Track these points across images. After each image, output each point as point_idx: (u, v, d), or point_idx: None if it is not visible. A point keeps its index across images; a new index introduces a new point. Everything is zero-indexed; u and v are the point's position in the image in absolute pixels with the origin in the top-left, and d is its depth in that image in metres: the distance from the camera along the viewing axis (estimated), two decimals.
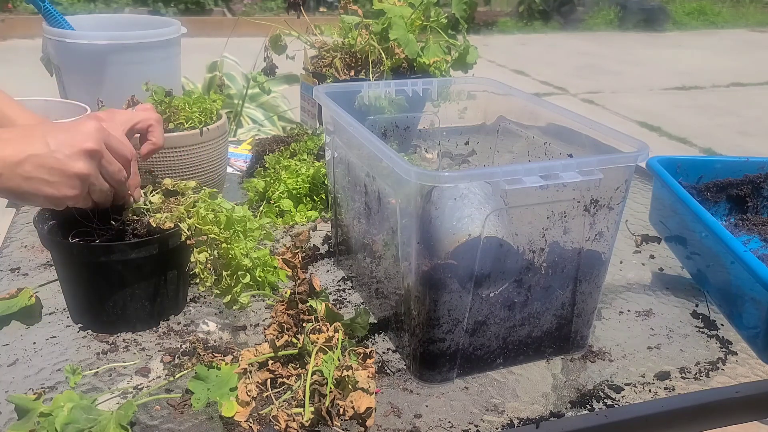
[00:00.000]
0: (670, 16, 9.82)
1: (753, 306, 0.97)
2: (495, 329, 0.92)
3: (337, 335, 0.87)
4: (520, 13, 9.58)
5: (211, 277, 0.97)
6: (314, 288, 0.97)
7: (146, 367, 0.92)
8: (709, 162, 1.33)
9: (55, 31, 1.46)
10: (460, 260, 0.87)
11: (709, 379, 0.95)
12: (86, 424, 0.77)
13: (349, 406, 0.78)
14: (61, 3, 7.35)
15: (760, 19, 10.37)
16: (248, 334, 1.00)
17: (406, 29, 1.51)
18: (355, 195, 1.08)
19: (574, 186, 0.87)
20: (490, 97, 1.27)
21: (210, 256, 0.97)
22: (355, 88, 1.22)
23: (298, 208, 1.37)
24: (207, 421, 0.83)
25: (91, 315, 1.00)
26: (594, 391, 0.92)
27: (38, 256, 1.20)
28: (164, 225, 0.96)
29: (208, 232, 0.96)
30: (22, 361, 0.93)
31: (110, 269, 0.95)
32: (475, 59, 1.58)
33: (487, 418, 0.86)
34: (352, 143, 1.05)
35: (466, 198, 0.90)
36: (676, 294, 1.17)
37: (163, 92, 1.30)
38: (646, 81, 6.75)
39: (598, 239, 0.94)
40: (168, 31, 1.53)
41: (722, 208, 1.32)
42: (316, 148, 1.48)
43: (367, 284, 1.09)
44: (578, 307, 0.97)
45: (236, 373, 0.84)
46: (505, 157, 1.24)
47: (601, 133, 0.99)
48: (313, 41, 1.67)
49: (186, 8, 8.36)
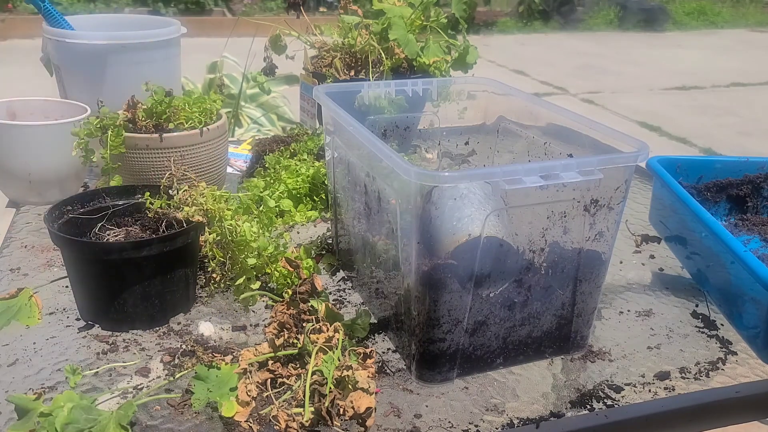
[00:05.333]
0: (670, 16, 9.81)
1: (753, 306, 0.97)
2: (495, 329, 0.92)
3: (337, 335, 0.87)
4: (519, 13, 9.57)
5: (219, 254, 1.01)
6: (316, 288, 0.97)
7: (146, 367, 0.92)
8: (709, 162, 1.33)
9: (55, 31, 1.46)
10: (460, 260, 0.87)
11: (709, 379, 0.95)
12: (86, 424, 0.77)
13: (349, 406, 0.78)
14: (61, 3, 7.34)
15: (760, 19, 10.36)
16: (248, 334, 1.00)
17: (405, 29, 1.51)
18: (355, 195, 1.08)
19: (574, 186, 0.87)
20: (490, 97, 1.27)
21: (219, 237, 1.00)
22: (355, 88, 1.22)
23: (298, 208, 1.37)
24: (207, 421, 0.83)
25: (102, 312, 1.00)
26: (594, 391, 0.92)
27: (38, 256, 1.20)
28: (193, 218, 0.99)
29: (219, 211, 0.99)
30: (22, 361, 0.93)
31: (121, 266, 0.96)
32: (475, 59, 1.58)
33: (487, 418, 0.86)
34: (352, 143, 1.05)
35: (466, 198, 0.90)
36: (676, 294, 1.17)
37: (163, 92, 1.30)
38: (646, 81, 6.75)
39: (598, 239, 0.94)
40: (168, 31, 1.53)
41: (722, 208, 1.32)
42: (316, 148, 1.48)
43: (367, 284, 1.09)
44: (578, 307, 0.97)
45: (236, 373, 0.84)
46: (505, 157, 1.24)
47: (601, 133, 0.99)
48: (313, 41, 1.67)
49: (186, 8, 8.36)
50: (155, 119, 1.29)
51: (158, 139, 1.25)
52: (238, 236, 1.01)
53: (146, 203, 1.04)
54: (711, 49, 8.38)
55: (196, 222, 1.00)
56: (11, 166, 1.31)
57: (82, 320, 1.02)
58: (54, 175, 1.34)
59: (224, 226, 1.01)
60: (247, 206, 1.10)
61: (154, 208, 1.03)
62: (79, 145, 1.23)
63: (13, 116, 1.37)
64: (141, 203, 1.09)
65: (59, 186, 1.36)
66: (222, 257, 1.03)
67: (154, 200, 1.03)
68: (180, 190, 1.04)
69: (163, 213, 1.03)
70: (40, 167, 1.32)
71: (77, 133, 1.24)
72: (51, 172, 1.34)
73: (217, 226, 1.01)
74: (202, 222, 1.00)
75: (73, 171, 1.36)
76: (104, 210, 1.08)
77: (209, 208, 1.00)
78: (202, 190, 1.03)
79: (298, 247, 1.16)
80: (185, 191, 1.03)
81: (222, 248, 1.03)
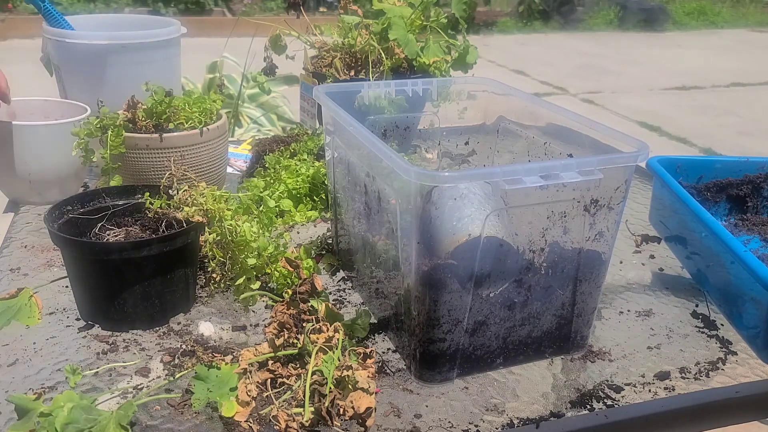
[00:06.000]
0: (670, 16, 9.81)
1: (753, 306, 0.97)
2: (495, 329, 0.92)
3: (337, 335, 0.87)
4: (519, 13, 9.57)
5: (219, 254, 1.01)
6: (316, 288, 0.97)
7: (146, 367, 0.92)
8: (709, 162, 1.33)
9: (55, 31, 1.46)
10: (460, 260, 0.87)
11: (709, 379, 0.95)
12: (86, 424, 0.77)
13: (349, 406, 0.78)
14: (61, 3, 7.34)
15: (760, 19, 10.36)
16: (248, 334, 1.00)
17: (405, 29, 1.51)
18: (355, 195, 1.08)
19: (574, 186, 0.87)
20: (490, 97, 1.27)
21: (219, 237, 1.00)
22: (355, 88, 1.22)
23: (298, 208, 1.37)
24: (207, 421, 0.83)
25: (102, 312, 1.00)
26: (594, 391, 0.92)
27: (38, 256, 1.20)
28: (193, 218, 0.99)
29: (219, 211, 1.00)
30: (22, 361, 0.93)
31: (121, 267, 0.96)
32: (475, 59, 1.57)
33: (487, 418, 0.86)
34: (352, 143, 1.05)
35: (466, 198, 0.90)
36: (676, 294, 1.17)
37: (163, 92, 1.30)
38: (646, 81, 6.75)
39: (598, 239, 0.94)
40: (168, 31, 1.53)
41: (722, 208, 1.32)
42: (316, 148, 1.48)
43: (367, 284, 1.09)
44: (578, 307, 0.97)
45: (236, 373, 0.84)
46: (505, 157, 1.24)
47: (601, 133, 0.99)
48: (313, 41, 1.67)
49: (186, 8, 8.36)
50: (155, 119, 1.29)
51: (158, 139, 1.25)
52: (238, 236, 1.01)
53: (146, 203, 1.04)
54: (711, 49, 8.38)
55: (196, 222, 1.00)
56: (11, 166, 1.31)
57: (82, 320, 1.02)
58: (54, 175, 1.34)
59: (224, 226, 1.01)
60: (247, 206, 1.10)
61: (154, 208, 1.03)
62: (79, 145, 1.24)
63: (13, 116, 1.37)
64: (141, 203, 1.09)
65: (59, 186, 1.36)
66: (222, 257, 1.03)
67: (154, 200, 1.03)
68: (180, 190, 1.04)
69: (163, 213, 1.03)
70: (40, 167, 1.32)
71: (77, 133, 1.24)
72: (51, 172, 1.34)
73: (217, 226, 1.01)
74: (202, 222, 1.00)
75: (73, 171, 1.36)
76: (104, 210, 1.08)
77: (209, 208, 1.00)
78: (202, 190, 1.03)
79: (298, 247, 1.16)
80: (185, 191, 1.03)
81: (222, 248, 1.03)
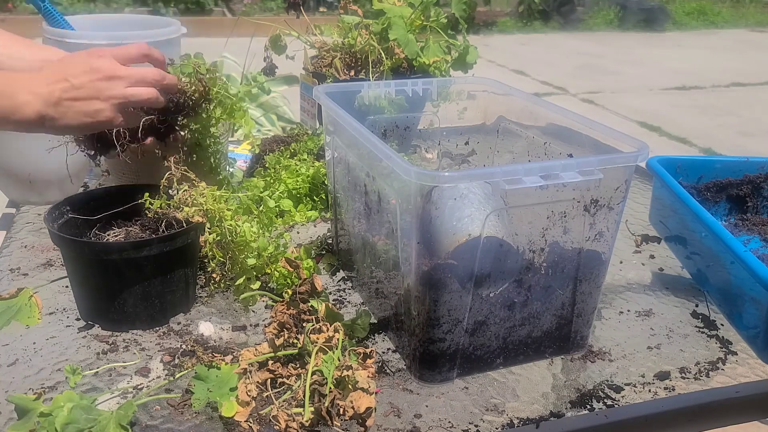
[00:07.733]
0: (670, 16, 9.81)
1: (753, 306, 0.97)
2: (495, 329, 0.92)
3: (337, 335, 0.87)
4: (519, 13, 9.58)
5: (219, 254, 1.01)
6: (316, 288, 0.97)
7: (146, 367, 0.92)
8: (709, 162, 1.33)
9: (55, 31, 1.46)
10: (460, 260, 0.87)
11: (709, 379, 0.95)
12: (86, 424, 0.77)
13: (349, 406, 0.78)
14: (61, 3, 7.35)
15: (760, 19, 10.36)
16: (248, 334, 1.00)
17: (405, 29, 1.51)
18: (355, 195, 1.08)
19: (574, 186, 0.87)
20: (490, 97, 1.27)
21: (219, 237, 1.00)
22: (355, 88, 1.22)
23: (298, 208, 1.37)
24: (207, 421, 0.83)
25: (102, 312, 1.00)
26: (594, 391, 0.92)
27: (38, 256, 1.20)
28: (193, 218, 0.99)
29: (219, 211, 1.00)
30: (22, 361, 0.93)
31: (121, 267, 0.96)
32: (475, 59, 1.57)
33: (487, 418, 0.86)
34: (352, 143, 1.05)
35: (466, 198, 0.90)
36: (676, 294, 1.17)
37: None
38: (646, 81, 6.75)
39: (598, 239, 0.94)
40: (168, 31, 1.53)
41: (722, 208, 1.32)
42: (316, 148, 1.48)
43: (367, 284, 1.09)
44: (578, 307, 0.97)
45: (236, 373, 0.84)
46: (505, 157, 1.24)
47: (601, 133, 0.99)
48: (313, 41, 1.67)
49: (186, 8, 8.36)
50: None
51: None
52: (238, 236, 1.01)
53: (146, 203, 1.04)
54: (711, 49, 8.39)
55: (196, 222, 1.00)
56: (11, 166, 1.31)
57: (82, 320, 1.02)
58: (54, 175, 1.34)
59: (224, 227, 1.01)
60: (247, 206, 1.10)
61: (153, 208, 1.03)
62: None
63: None
64: (141, 203, 1.08)
65: (59, 186, 1.36)
66: (222, 257, 1.03)
67: (153, 200, 1.03)
68: (180, 191, 1.04)
69: (163, 213, 1.03)
70: (40, 167, 1.32)
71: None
72: (51, 172, 1.34)
73: (217, 226, 1.01)
74: (202, 222, 1.00)
75: (73, 171, 1.36)
76: (104, 210, 1.08)
77: (209, 209, 1.00)
78: (202, 190, 1.03)
79: (298, 247, 1.16)
80: (185, 191, 1.03)
81: (222, 248, 1.03)
